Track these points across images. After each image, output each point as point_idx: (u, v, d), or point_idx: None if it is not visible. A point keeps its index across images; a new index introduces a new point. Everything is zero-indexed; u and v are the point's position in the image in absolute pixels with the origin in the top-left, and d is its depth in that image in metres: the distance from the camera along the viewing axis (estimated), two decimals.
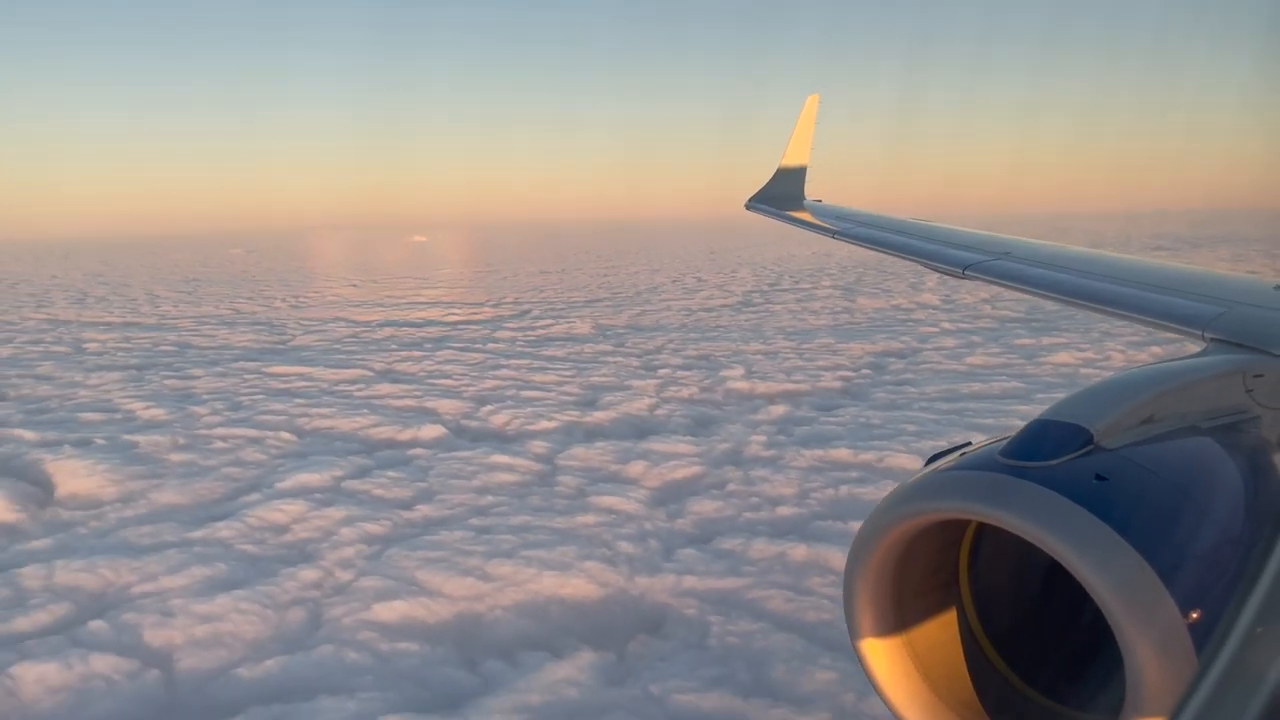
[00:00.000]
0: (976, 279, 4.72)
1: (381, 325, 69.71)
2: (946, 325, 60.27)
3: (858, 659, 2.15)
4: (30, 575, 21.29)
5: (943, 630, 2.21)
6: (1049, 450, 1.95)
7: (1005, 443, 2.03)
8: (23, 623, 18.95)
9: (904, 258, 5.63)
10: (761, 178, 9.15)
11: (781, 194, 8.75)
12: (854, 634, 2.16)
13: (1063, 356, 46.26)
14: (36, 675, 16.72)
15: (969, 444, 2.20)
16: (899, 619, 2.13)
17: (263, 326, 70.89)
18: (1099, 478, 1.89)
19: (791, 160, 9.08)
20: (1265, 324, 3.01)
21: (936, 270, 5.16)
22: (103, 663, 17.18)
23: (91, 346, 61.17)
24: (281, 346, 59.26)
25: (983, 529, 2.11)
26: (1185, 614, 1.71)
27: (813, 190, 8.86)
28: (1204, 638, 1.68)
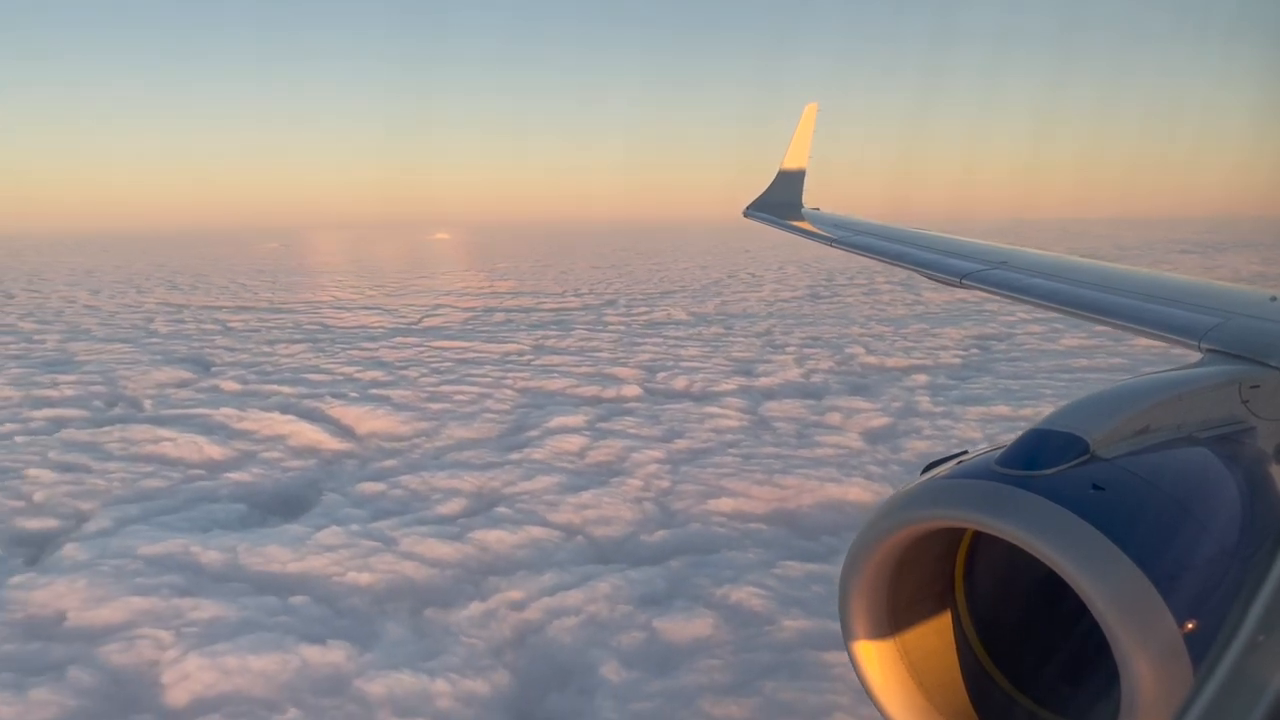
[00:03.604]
0: (974, 288, 4.73)
1: (488, 311, 75.09)
2: (1023, 315, 65.75)
3: (851, 664, 2.18)
4: (410, 482, 26.83)
5: (938, 637, 2.22)
6: (1046, 459, 1.97)
7: (1002, 451, 2.05)
8: (442, 509, 24.52)
9: (902, 266, 5.69)
10: (767, 184, 9.29)
11: (780, 201, 8.84)
12: (848, 638, 2.17)
13: (1144, 341, 51.77)
14: (495, 538, 22.30)
15: (965, 452, 2.23)
16: (894, 625, 2.15)
17: (378, 310, 76.30)
18: (1095, 487, 1.90)
19: (790, 168, 9.18)
20: (1262, 335, 3.01)
21: (934, 279, 5.17)
22: (535, 531, 22.77)
23: (236, 325, 66.61)
24: (416, 326, 64.77)
25: (979, 537, 2.14)
26: (1181, 624, 1.72)
27: (812, 198, 8.93)
28: (1200, 648, 1.70)
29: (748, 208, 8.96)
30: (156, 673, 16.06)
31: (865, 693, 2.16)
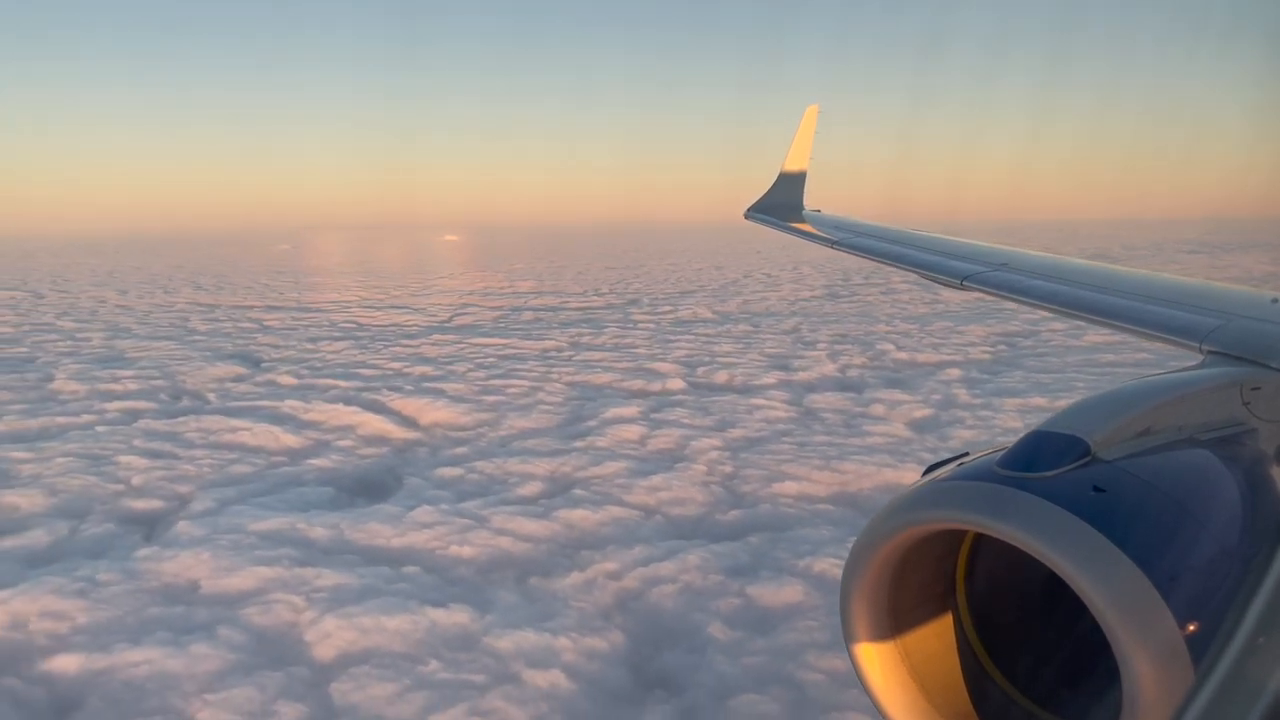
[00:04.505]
0: (975, 290, 4.73)
1: (516, 310, 76.45)
2: (1044, 313, 67.05)
3: (852, 665, 2.19)
4: (485, 467, 28.17)
5: (939, 639, 2.23)
6: (1047, 461, 1.97)
7: (1003, 454, 2.06)
8: (522, 491, 25.86)
9: (903, 268, 5.69)
10: (768, 185, 9.30)
11: (780, 203, 8.88)
12: (850, 640, 2.18)
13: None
14: (580, 516, 23.65)
15: (966, 454, 2.23)
16: (895, 627, 2.16)
17: (407, 310, 77.67)
18: (1096, 489, 1.91)
19: (790, 169, 9.23)
20: (1263, 337, 3.02)
21: (935, 281, 5.17)
22: (615, 511, 24.10)
23: (272, 323, 68.02)
24: (449, 325, 66.16)
25: (980, 539, 2.14)
26: (1182, 626, 1.73)
27: (812, 200, 8.94)
28: (1201, 649, 1.70)
29: (749, 209, 9.03)
30: (298, 632, 17.43)
31: (867, 695, 2.16)
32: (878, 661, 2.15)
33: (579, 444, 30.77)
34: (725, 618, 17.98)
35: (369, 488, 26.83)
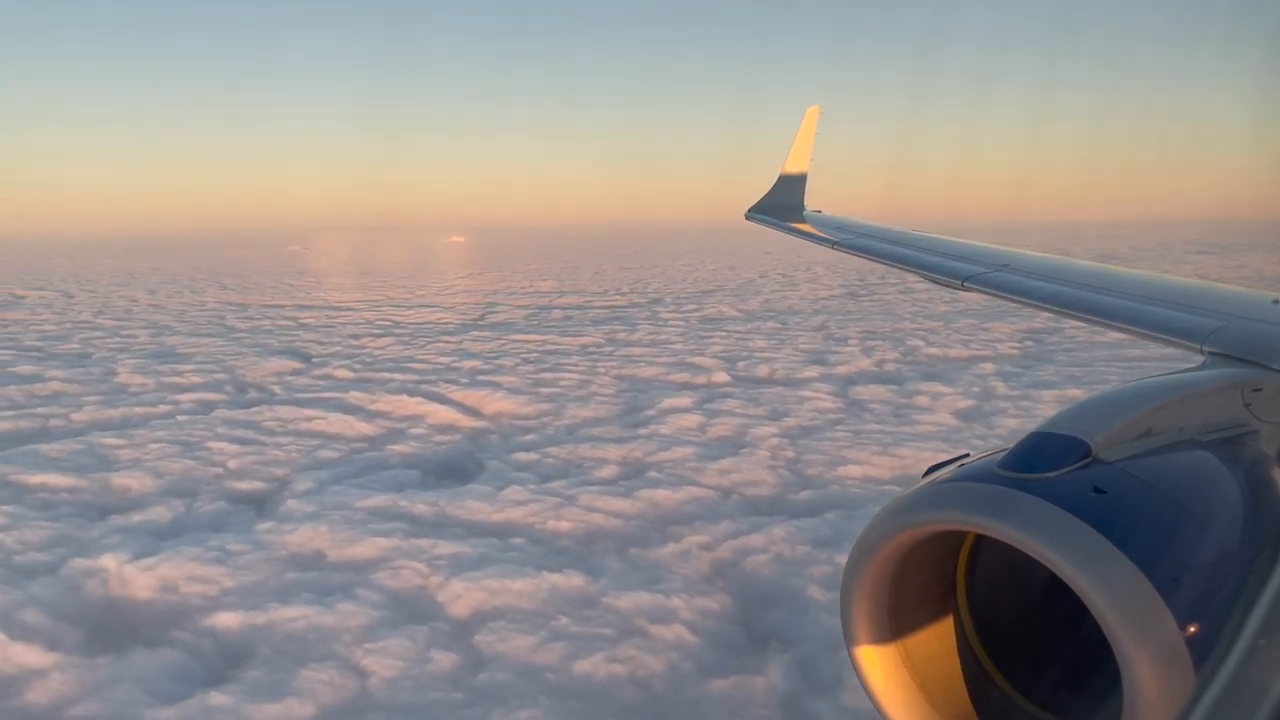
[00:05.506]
0: (976, 291, 4.76)
1: (544, 309, 77.91)
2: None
3: (853, 667, 2.19)
4: (558, 452, 29.63)
5: (939, 641, 2.24)
6: (1047, 462, 1.97)
7: (1004, 455, 2.06)
8: (600, 474, 27.32)
9: (904, 269, 5.73)
10: (768, 186, 9.34)
11: (781, 204, 8.92)
12: (850, 641, 2.18)
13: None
14: (661, 495, 25.11)
15: (967, 455, 2.23)
16: (896, 628, 2.16)
17: (436, 308, 79.16)
18: (1097, 490, 1.91)
19: (791, 170, 9.27)
20: (1264, 338, 3.02)
21: (936, 282, 5.22)
22: (694, 490, 25.56)
23: (309, 321, 69.54)
24: (483, 323, 67.65)
25: (980, 540, 2.14)
26: (1183, 627, 1.73)
27: (813, 200, 8.99)
28: (1202, 651, 1.71)
29: (749, 210, 9.05)
30: (429, 594, 18.89)
31: (868, 696, 2.18)
32: (878, 663, 2.16)
33: (642, 431, 32.23)
34: (820, 582, 19.41)
35: (453, 470, 28.30)
